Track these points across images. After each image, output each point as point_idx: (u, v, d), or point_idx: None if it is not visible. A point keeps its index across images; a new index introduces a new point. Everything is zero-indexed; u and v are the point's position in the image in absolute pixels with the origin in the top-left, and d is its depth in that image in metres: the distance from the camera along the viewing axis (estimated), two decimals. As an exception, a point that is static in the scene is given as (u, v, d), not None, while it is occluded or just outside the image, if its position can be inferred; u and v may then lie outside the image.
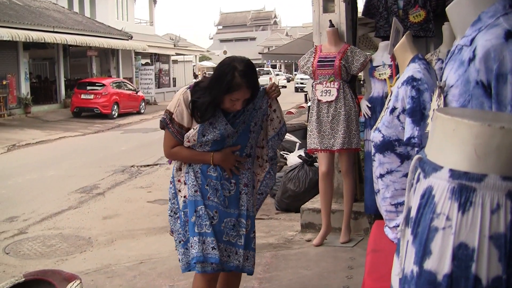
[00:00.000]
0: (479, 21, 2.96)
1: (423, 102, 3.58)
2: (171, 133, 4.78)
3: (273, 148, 4.99)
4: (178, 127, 4.74)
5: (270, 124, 4.93)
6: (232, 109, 4.59)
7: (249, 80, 4.47)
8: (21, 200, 12.60)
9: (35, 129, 27.02)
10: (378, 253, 3.86)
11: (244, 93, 4.49)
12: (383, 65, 7.72)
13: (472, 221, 1.97)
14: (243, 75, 4.44)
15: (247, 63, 4.56)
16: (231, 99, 4.50)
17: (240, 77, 4.44)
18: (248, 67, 4.53)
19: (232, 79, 4.44)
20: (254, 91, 4.58)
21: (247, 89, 4.48)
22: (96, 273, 7.55)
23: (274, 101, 4.93)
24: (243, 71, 4.46)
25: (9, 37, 28.46)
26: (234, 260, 4.76)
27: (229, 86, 4.44)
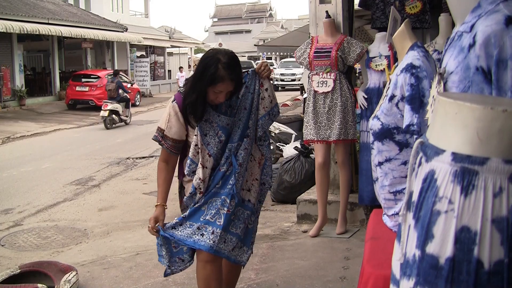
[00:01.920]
0: (479, 8, 2.94)
1: (422, 89, 3.58)
2: (166, 149, 4.84)
3: (262, 128, 4.92)
4: (172, 141, 4.80)
5: (261, 103, 4.88)
6: (216, 101, 4.58)
7: (232, 73, 4.46)
8: (16, 192, 12.59)
9: (29, 121, 26.99)
10: (376, 240, 3.86)
11: (227, 85, 4.48)
12: (380, 56, 7.72)
13: (474, 205, 1.97)
14: (226, 67, 4.44)
15: (230, 56, 4.56)
16: (215, 91, 4.49)
17: (223, 69, 4.43)
18: (232, 60, 4.52)
19: (216, 71, 4.43)
20: (237, 83, 4.57)
21: (230, 81, 4.47)
22: (92, 264, 7.53)
23: (266, 80, 4.89)
24: (227, 63, 4.46)
25: (3, 28, 28.39)
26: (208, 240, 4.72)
27: (213, 78, 4.43)
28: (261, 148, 4.98)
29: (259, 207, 5.13)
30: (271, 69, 5.23)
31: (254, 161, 4.96)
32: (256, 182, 4.96)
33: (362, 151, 7.84)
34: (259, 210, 5.17)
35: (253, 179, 4.95)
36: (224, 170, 4.65)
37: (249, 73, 4.81)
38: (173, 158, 4.91)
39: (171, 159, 4.91)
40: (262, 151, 4.99)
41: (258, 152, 4.97)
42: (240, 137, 4.73)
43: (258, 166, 4.98)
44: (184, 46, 60.06)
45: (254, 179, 4.96)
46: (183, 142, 4.83)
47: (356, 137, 7.97)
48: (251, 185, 4.93)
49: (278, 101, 5.11)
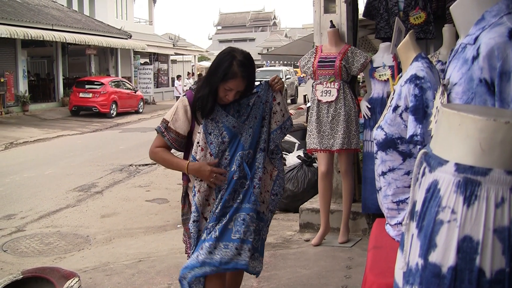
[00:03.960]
0: (482, 20, 2.97)
1: (426, 100, 3.60)
2: (167, 141, 4.76)
3: (274, 141, 4.91)
4: (174, 134, 4.74)
5: (273, 117, 4.87)
6: (225, 99, 4.56)
7: (245, 70, 4.47)
8: (18, 198, 12.60)
9: (33, 127, 27.01)
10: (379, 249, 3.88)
11: (238, 83, 4.49)
12: (383, 66, 7.73)
13: (476, 215, 1.99)
14: (240, 65, 4.46)
15: (246, 55, 4.59)
16: (225, 88, 4.48)
17: (237, 66, 4.45)
18: (247, 59, 4.55)
19: (230, 66, 4.45)
20: (248, 83, 4.58)
21: (242, 79, 4.47)
22: (95, 271, 7.54)
23: (278, 94, 4.88)
24: (241, 61, 4.48)
25: (7, 34, 28.43)
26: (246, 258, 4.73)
27: (225, 73, 4.44)
28: (273, 161, 4.97)
29: (270, 216, 5.11)
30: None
31: (267, 173, 4.94)
32: (268, 194, 4.96)
33: (365, 160, 7.85)
34: (270, 220, 5.15)
35: (265, 191, 4.95)
36: (237, 178, 4.64)
37: (263, 83, 4.82)
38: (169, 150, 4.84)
39: (167, 149, 4.84)
40: (274, 164, 4.98)
41: (270, 164, 4.95)
42: (251, 145, 4.70)
43: (270, 177, 4.97)
44: (188, 53, 60.10)
45: (266, 191, 4.95)
46: (184, 138, 4.78)
47: (359, 146, 7.98)
48: (264, 197, 4.94)
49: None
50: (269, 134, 4.86)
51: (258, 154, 4.78)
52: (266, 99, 4.79)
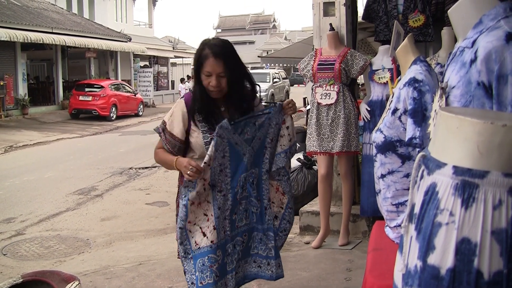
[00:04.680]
0: (480, 24, 2.99)
1: (425, 103, 3.61)
2: (162, 141, 4.76)
3: (276, 164, 4.88)
4: (169, 135, 4.71)
5: (279, 140, 4.80)
6: (210, 88, 4.49)
7: (216, 49, 4.41)
8: (18, 201, 12.61)
9: (32, 130, 27.02)
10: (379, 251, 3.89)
11: (212, 64, 4.40)
12: (383, 68, 7.75)
13: (474, 217, 2.01)
14: (211, 46, 4.44)
15: (220, 40, 4.59)
16: (205, 74, 4.45)
17: (208, 48, 4.43)
18: (221, 42, 4.54)
19: (202, 50, 4.45)
20: (227, 65, 4.44)
21: (214, 58, 4.38)
22: (95, 274, 7.55)
23: (288, 118, 4.81)
24: (213, 43, 4.47)
25: (6, 37, 28.45)
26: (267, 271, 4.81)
27: (198, 57, 4.45)
28: (280, 183, 4.95)
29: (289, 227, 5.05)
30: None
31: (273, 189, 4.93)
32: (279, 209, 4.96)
33: (364, 163, 7.86)
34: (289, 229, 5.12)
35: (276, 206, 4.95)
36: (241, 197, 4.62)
37: (276, 105, 4.78)
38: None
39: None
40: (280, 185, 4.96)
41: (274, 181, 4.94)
42: (255, 165, 4.69)
43: (276, 191, 4.95)
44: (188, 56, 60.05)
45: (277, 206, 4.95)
46: (180, 142, 4.72)
47: (359, 149, 8.00)
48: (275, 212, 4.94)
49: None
50: (273, 157, 4.85)
51: (264, 175, 4.78)
52: (277, 122, 4.75)
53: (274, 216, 4.87)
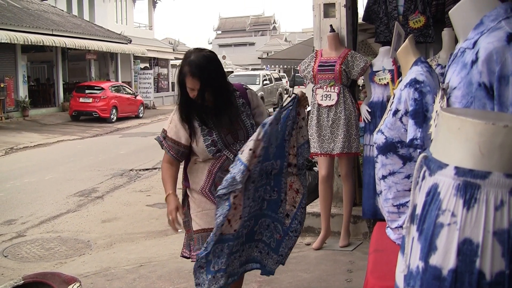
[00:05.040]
0: (481, 25, 3.00)
1: (426, 104, 3.61)
2: (165, 149, 4.83)
3: (302, 156, 4.90)
4: (171, 142, 4.77)
5: (299, 132, 4.86)
6: (197, 100, 4.56)
7: (193, 69, 4.47)
8: (19, 203, 12.60)
9: (33, 132, 27.01)
10: (380, 253, 3.89)
11: (190, 81, 4.50)
12: (383, 70, 7.75)
13: (476, 217, 2.01)
14: (189, 64, 4.51)
15: (201, 55, 4.60)
16: (187, 86, 4.54)
17: (187, 65, 4.51)
18: (200, 58, 4.55)
19: (182, 67, 4.54)
20: (204, 83, 4.49)
21: (191, 77, 4.47)
22: (96, 275, 7.56)
23: (302, 109, 4.88)
24: (192, 60, 4.51)
25: (7, 39, 28.45)
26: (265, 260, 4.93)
27: (179, 73, 4.55)
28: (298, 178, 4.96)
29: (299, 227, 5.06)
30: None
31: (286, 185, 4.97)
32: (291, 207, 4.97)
33: (365, 165, 7.87)
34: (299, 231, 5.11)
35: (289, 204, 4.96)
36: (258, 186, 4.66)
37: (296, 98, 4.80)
38: (175, 161, 4.88)
39: (173, 162, 4.89)
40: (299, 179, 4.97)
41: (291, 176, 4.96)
42: (276, 156, 4.73)
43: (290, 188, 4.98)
44: (188, 58, 60.08)
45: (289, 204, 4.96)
46: (183, 146, 4.77)
47: (359, 150, 8.01)
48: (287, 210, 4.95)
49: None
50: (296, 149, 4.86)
51: (285, 168, 4.80)
52: (293, 114, 4.78)
53: (286, 213, 4.89)
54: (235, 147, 4.73)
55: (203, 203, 4.82)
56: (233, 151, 4.72)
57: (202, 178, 4.80)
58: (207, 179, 4.77)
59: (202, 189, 4.80)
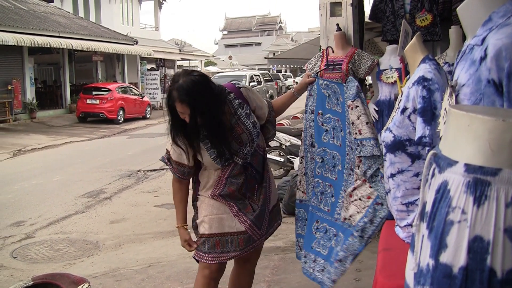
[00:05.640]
0: (490, 21, 2.98)
1: (434, 101, 3.60)
2: (171, 170, 4.84)
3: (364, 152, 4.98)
4: (176, 164, 4.75)
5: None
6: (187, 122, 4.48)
7: (182, 95, 4.32)
8: (27, 204, 12.62)
9: (40, 134, 27.06)
10: (389, 251, 3.88)
11: (180, 107, 4.37)
12: (390, 68, 7.74)
13: (487, 215, 2.00)
14: (178, 89, 4.34)
15: (190, 79, 4.41)
16: (178, 111, 4.43)
17: (175, 91, 4.34)
18: (188, 82, 4.37)
19: (170, 92, 4.40)
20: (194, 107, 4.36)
21: (180, 103, 4.34)
22: (105, 276, 7.57)
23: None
24: (180, 86, 4.33)
25: (14, 42, 28.51)
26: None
27: (168, 96, 4.43)
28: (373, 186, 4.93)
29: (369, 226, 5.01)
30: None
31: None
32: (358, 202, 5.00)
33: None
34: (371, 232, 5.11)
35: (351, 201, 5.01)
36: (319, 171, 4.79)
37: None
38: (183, 181, 4.89)
39: (182, 181, 4.90)
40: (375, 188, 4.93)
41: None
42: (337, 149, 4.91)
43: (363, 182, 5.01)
44: (194, 59, 60.22)
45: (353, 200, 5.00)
46: (187, 167, 4.74)
47: (367, 149, 7.98)
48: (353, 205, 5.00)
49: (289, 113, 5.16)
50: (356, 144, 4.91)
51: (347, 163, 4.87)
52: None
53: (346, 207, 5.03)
54: (242, 151, 4.70)
55: (213, 208, 4.80)
56: (241, 156, 4.71)
57: (212, 184, 4.79)
58: (217, 185, 4.76)
59: (213, 194, 4.78)
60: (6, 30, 28.98)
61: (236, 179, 4.67)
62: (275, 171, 14.62)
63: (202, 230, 4.84)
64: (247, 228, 4.79)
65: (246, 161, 4.73)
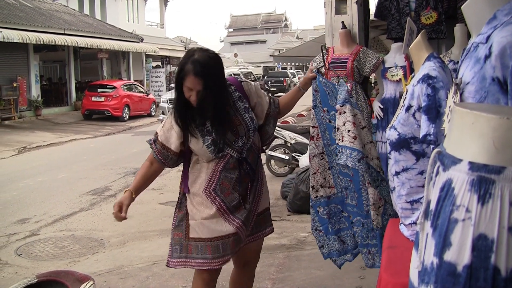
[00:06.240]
0: (494, 19, 2.97)
1: (439, 99, 3.59)
2: (153, 153, 4.74)
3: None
4: (160, 146, 4.67)
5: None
6: (190, 99, 4.44)
7: (197, 67, 4.31)
8: (32, 202, 12.65)
9: (45, 131, 27.10)
10: (394, 249, 3.88)
11: (192, 81, 4.34)
12: (395, 66, 7.73)
13: (491, 213, 1.99)
14: (193, 62, 4.33)
15: (206, 55, 4.45)
16: (186, 86, 4.38)
17: (190, 63, 4.33)
18: (205, 58, 4.41)
19: (185, 64, 4.37)
20: (206, 84, 4.35)
21: (194, 76, 4.31)
22: (109, 274, 7.57)
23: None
24: (196, 59, 4.35)
25: (19, 39, 28.57)
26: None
27: (180, 71, 4.39)
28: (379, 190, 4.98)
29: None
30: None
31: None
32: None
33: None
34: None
35: None
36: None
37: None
38: (158, 164, 4.79)
39: (155, 164, 4.80)
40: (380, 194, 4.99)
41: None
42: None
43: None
44: (200, 56, 60.14)
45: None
46: (172, 153, 4.66)
47: (372, 147, 7.97)
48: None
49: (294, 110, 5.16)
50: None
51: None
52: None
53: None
54: (237, 144, 4.62)
55: (205, 210, 4.67)
56: (235, 148, 4.62)
57: (205, 178, 4.65)
58: (211, 179, 4.62)
59: (206, 189, 4.64)
60: (11, 27, 29.04)
61: (230, 173, 4.57)
62: (280, 169, 14.63)
63: (193, 233, 4.73)
64: (237, 227, 4.65)
65: (242, 155, 4.64)
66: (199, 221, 4.69)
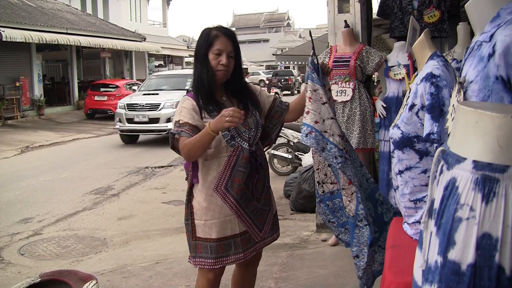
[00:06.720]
0: (498, 17, 2.97)
1: (442, 98, 3.58)
2: (186, 134, 4.35)
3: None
4: (189, 126, 4.37)
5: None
6: (220, 67, 4.43)
7: (226, 31, 4.53)
8: (35, 201, 12.64)
9: (48, 130, 27.12)
10: (397, 248, 3.87)
11: (223, 42, 4.45)
12: (398, 65, 7.72)
13: (495, 211, 1.99)
14: (219, 29, 4.53)
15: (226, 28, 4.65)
16: (214, 53, 4.41)
17: (217, 30, 4.50)
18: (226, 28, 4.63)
19: (210, 32, 4.49)
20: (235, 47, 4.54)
21: (225, 37, 4.46)
22: (112, 273, 7.56)
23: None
24: (221, 27, 4.58)
25: (22, 38, 28.59)
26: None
27: (207, 39, 4.45)
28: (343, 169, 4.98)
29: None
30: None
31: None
32: None
33: (380, 160, 7.84)
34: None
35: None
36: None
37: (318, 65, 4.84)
38: None
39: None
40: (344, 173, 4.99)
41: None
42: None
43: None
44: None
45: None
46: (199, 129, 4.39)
47: (375, 146, 7.97)
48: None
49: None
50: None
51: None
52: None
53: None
54: (247, 134, 4.56)
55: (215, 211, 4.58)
56: (245, 139, 4.54)
57: (216, 176, 4.52)
58: (223, 174, 4.50)
59: (217, 187, 4.51)
60: (14, 27, 29.08)
61: (243, 167, 4.48)
62: (283, 168, 14.63)
63: (201, 233, 4.63)
64: (247, 226, 4.62)
65: (252, 148, 4.57)
66: (209, 222, 4.59)
